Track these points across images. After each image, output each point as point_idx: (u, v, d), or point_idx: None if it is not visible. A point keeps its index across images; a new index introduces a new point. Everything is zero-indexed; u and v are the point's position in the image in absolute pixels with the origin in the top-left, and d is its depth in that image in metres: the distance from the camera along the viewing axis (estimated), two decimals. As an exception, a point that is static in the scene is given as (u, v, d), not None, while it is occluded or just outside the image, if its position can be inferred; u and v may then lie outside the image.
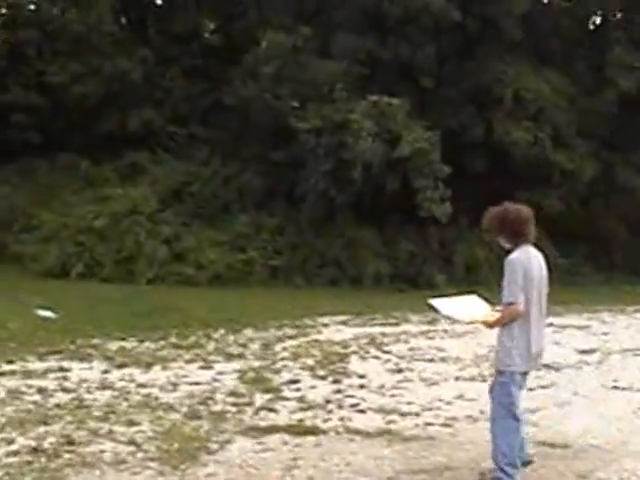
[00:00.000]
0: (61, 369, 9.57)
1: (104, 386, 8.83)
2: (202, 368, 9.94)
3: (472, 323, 6.65)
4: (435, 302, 6.50)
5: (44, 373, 9.36)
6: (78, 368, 9.72)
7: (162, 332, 12.52)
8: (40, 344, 11.14)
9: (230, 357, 10.72)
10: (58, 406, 7.87)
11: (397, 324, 14.45)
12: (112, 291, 17.79)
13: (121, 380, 9.14)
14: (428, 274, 19.66)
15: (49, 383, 8.87)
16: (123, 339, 11.82)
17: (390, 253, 19.77)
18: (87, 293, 17.39)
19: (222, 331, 12.98)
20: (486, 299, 6.70)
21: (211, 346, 11.60)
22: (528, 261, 5.96)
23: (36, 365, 9.80)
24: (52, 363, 9.94)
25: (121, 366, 9.88)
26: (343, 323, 14.39)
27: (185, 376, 9.38)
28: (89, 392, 8.53)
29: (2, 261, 21.60)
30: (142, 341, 11.77)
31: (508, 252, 6.05)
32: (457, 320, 6.67)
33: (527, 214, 6.09)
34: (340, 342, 12.14)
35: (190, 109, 24.00)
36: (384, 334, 13.06)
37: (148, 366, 9.97)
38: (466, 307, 6.57)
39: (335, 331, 13.45)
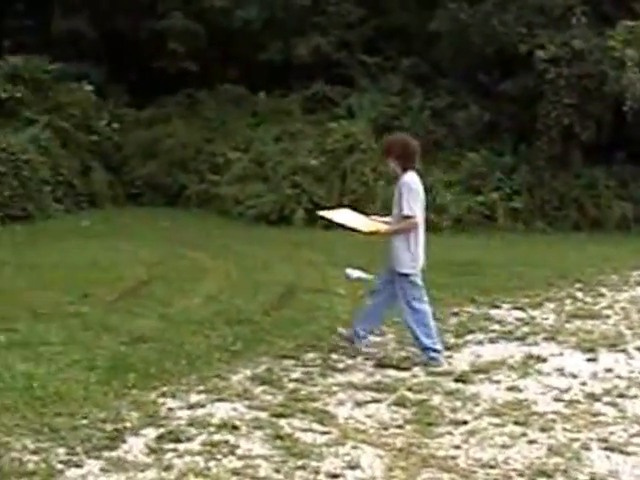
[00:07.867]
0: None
1: None
2: None
3: (371, 233, 7.43)
4: (325, 213, 7.73)
5: None
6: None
7: (526, 294, 10.99)
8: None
9: None
10: None
11: None
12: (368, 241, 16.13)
13: None
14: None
15: None
16: (520, 309, 10.27)
17: (628, 194, 18.28)
18: (344, 244, 15.67)
19: (579, 294, 11.45)
20: (355, 209, 7.95)
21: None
22: (418, 183, 7.35)
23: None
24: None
25: None
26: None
27: None
28: None
29: (185, 204, 19.78)
30: (538, 307, 10.29)
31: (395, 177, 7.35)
32: (353, 228, 7.43)
33: (419, 146, 7.57)
34: None
35: (358, 35, 22.05)
36: None
37: None
38: (351, 217, 7.56)
39: None
